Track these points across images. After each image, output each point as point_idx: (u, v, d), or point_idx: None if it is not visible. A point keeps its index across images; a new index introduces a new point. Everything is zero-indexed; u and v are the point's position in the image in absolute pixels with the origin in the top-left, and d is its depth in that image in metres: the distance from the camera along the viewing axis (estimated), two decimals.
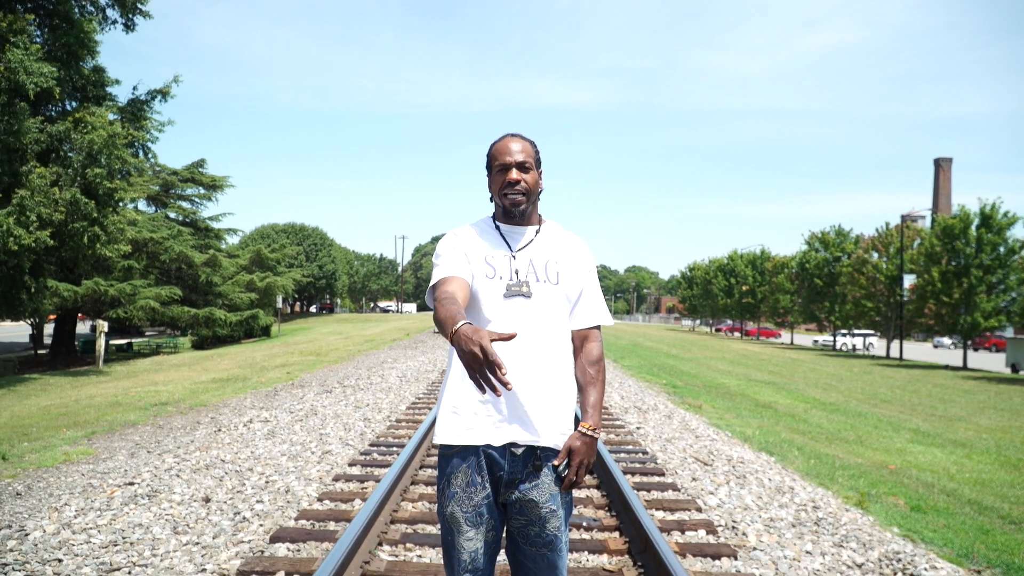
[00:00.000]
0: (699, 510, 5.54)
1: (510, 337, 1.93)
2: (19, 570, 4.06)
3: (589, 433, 2.31)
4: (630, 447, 7.97)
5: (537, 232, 2.48)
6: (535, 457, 2.34)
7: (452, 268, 2.35)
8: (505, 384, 1.85)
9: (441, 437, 2.36)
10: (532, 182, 2.41)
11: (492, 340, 1.89)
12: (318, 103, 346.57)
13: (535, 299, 2.36)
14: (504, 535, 2.44)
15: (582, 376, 2.43)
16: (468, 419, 2.32)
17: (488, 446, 2.32)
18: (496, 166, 2.41)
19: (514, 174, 2.38)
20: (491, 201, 2.51)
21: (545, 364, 2.35)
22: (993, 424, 14.03)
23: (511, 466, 2.34)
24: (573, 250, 2.49)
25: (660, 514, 5.41)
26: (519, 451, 2.33)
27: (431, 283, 2.36)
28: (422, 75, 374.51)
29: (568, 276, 2.44)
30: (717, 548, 4.60)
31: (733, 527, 5.18)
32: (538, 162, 2.46)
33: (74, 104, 21.15)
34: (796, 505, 5.92)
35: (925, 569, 4.42)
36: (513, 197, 2.39)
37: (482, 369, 1.88)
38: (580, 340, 2.48)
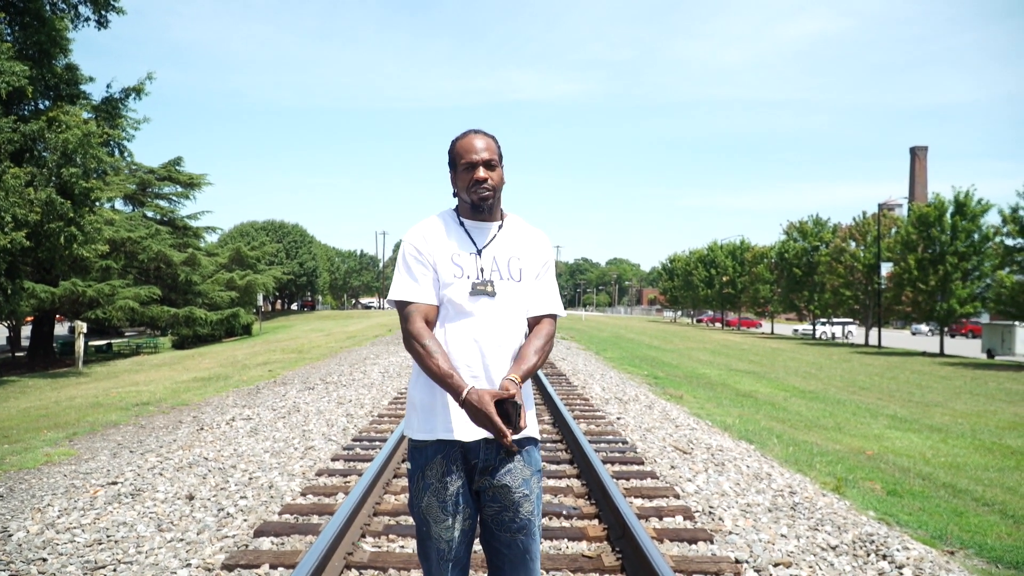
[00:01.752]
0: (677, 497, 5.64)
1: (511, 396, 2.22)
2: (4, 570, 4.07)
3: (512, 378, 2.30)
4: (610, 437, 8.07)
5: (500, 228, 2.54)
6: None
7: (419, 292, 2.41)
8: (509, 442, 2.21)
9: (416, 433, 2.43)
10: (498, 179, 2.48)
11: (495, 399, 2.22)
12: (296, 99, 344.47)
13: (499, 298, 2.43)
14: (478, 523, 2.51)
15: (528, 344, 2.43)
16: (443, 415, 2.38)
17: (455, 441, 2.40)
18: (462, 164, 2.46)
19: (481, 172, 2.43)
20: (454, 196, 2.56)
21: (510, 358, 2.42)
22: (969, 409, 14.27)
23: (485, 454, 2.41)
24: (534, 245, 2.55)
25: (639, 501, 5.50)
26: (493, 440, 2.40)
27: (397, 296, 2.42)
28: (402, 69, 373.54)
29: (529, 273, 2.51)
30: (694, 533, 4.69)
31: (710, 512, 5.28)
32: (500, 157, 2.52)
33: (47, 103, 20.92)
34: (773, 491, 6.03)
35: (898, 550, 4.53)
36: (482, 194, 2.44)
37: (493, 429, 2.21)
38: (533, 326, 2.53)
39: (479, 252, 2.47)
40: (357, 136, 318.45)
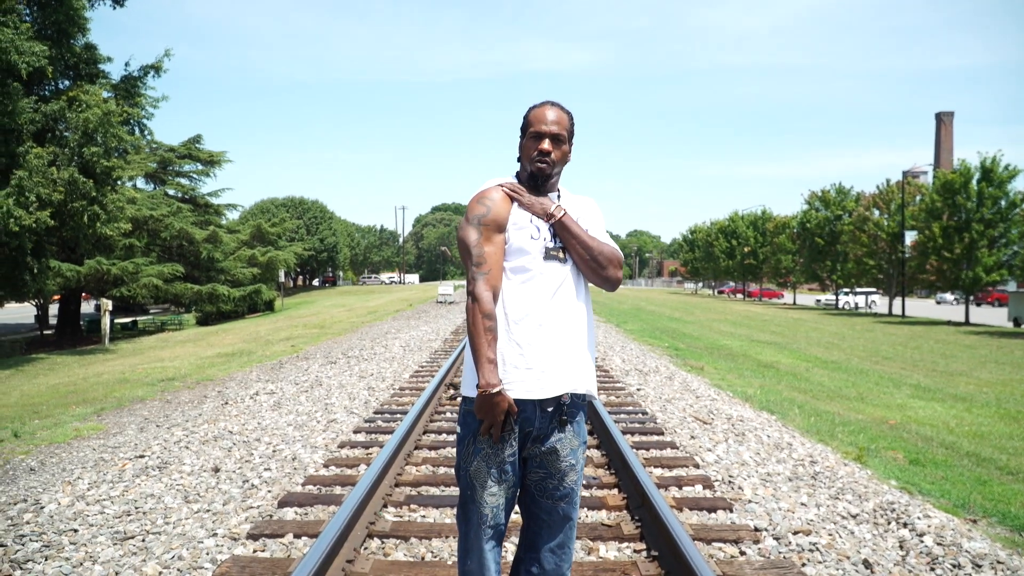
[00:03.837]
0: (696, 466, 5.65)
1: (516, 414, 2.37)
2: (36, 540, 4.17)
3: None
4: (630, 408, 8.08)
5: (559, 197, 2.57)
6: (562, 412, 2.44)
7: (495, 256, 2.41)
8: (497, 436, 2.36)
9: (473, 390, 2.40)
10: (560, 155, 2.50)
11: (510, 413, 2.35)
12: (313, 74, 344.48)
13: (568, 263, 2.48)
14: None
15: None
16: (510, 373, 2.37)
17: (522, 401, 2.38)
18: (531, 132, 2.48)
19: (546, 144, 2.46)
20: (518, 161, 2.58)
21: (576, 320, 2.47)
22: (994, 378, 14.13)
23: (541, 422, 2.43)
24: (587, 210, 2.60)
25: (658, 471, 5.52)
26: (550, 407, 2.42)
27: (475, 249, 2.40)
28: (417, 42, 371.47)
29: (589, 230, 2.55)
30: (713, 502, 4.71)
31: (730, 482, 5.29)
32: (571, 134, 2.53)
33: (67, 83, 21.03)
34: (794, 460, 6.02)
35: (919, 518, 4.52)
36: (542, 167, 2.47)
37: (488, 428, 2.34)
38: None
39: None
40: (375, 111, 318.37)
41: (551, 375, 2.39)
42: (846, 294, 52.66)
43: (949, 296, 62.33)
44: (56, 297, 29.60)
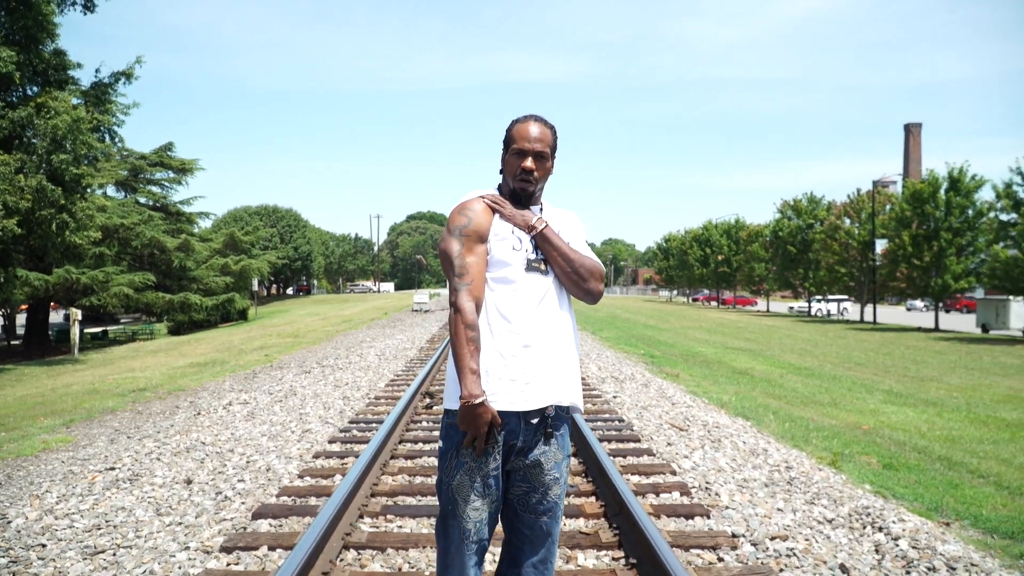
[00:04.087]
0: (673, 473, 5.66)
1: (499, 425, 2.33)
2: (3, 556, 4.07)
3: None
4: (606, 415, 8.09)
5: (541, 210, 2.56)
6: (547, 424, 2.41)
7: (477, 266, 2.40)
8: (480, 449, 2.33)
9: (455, 404, 2.36)
10: (544, 173, 2.49)
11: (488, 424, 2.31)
12: (289, 82, 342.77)
13: (550, 274, 2.47)
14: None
15: None
16: (493, 384, 2.34)
17: (507, 412, 2.35)
18: (514, 149, 2.46)
19: (529, 163, 2.45)
20: (500, 173, 2.57)
21: (560, 331, 2.44)
22: (963, 383, 14.33)
23: (525, 434, 2.40)
24: (569, 223, 2.59)
25: (635, 478, 5.52)
26: (535, 420, 2.39)
27: (457, 260, 2.38)
28: (395, 52, 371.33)
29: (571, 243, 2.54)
30: (690, 508, 4.72)
31: (707, 488, 5.30)
32: (554, 150, 2.52)
33: (35, 89, 20.73)
34: (769, 466, 6.05)
35: (893, 522, 4.56)
36: (524, 184, 2.47)
37: (471, 441, 2.31)
38: None
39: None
40: (350, 119, 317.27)
41: (535, 387, 2.36)
42: (818, 301, 53.24)
43: (919, 303, 63.31)
44: (23, 307, 29.09)
